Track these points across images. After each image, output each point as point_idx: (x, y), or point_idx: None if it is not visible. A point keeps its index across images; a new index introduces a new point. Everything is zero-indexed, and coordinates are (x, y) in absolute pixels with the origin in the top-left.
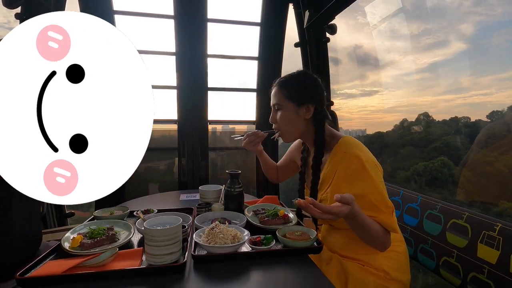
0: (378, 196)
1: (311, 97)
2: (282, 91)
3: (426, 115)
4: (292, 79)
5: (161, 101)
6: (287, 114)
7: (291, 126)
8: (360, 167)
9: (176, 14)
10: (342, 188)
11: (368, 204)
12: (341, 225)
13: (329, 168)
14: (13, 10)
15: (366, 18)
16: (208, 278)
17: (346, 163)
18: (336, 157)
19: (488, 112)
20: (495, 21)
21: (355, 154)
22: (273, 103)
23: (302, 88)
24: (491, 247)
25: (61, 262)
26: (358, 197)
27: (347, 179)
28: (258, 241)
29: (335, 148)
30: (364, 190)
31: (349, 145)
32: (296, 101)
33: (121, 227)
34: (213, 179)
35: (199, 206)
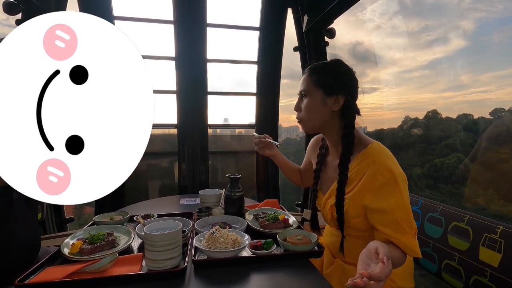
0: (404, 215)
1: (342, 88)
2: (311, 77)
3: (435, 112)
4: (324, 66)
5: (161, 105)
6: (312, 102)
7: (314, 115)
8: (391, 181)
9: (175, 19)
10: (365, 198)
11: (393, 222)
12: (348, 232)
13: (353, 173)
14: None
15: (366, 15)
16: (208, 283)
17: (375, 174)
18: (363, 164)
19: (490, 110)
20: (495, 18)
21: (387, 167)
22: (300, 90)
23: (333, 76)
24: (493, 250)
25: (61, 268)
26: (383, 212)
27: (373, 190)
28: (258, 246)
29: (363, 153)
30: (391, 205)
31: (380, 154)
32: (325, 89)
33: (121, 232)
34: (213, 183)
35: (199, 210)
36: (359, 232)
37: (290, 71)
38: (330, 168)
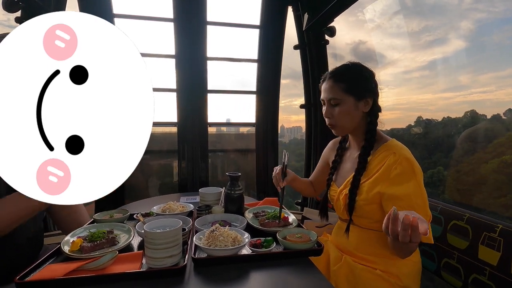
0: (421, 201)
1: (369, 90)
2: (339, 84)
3: (473, 112)
4: (349, 72)
5: (161, 103)
6: (347, 109)
7: (350, 120)
8: (409, 170)
9: (175, 17)
10: (380, 186)
11: (408, 208)
12: (362, 223)
13: (373, 164)
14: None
15: (366, 15)
16: (208, 281)
17: (394, 163)
18: (383, 155)
19: (491, 110)
20: (496, 18)
21: (406, 157)
22: (329, 98)
23: (361, 81)
24: (492, 248)
25: (61, 266)
26: (401, 198)
27: (390, 178)
28: (258, 244)
29: (383, 146)
30: (409, 191)
31: (400, 148)
32: (356, 95)
33: (121, 230)
34: (213, 181)
35: (199, 208)
36: (370, 223)
37: (290, 71)
38: (348, 162)
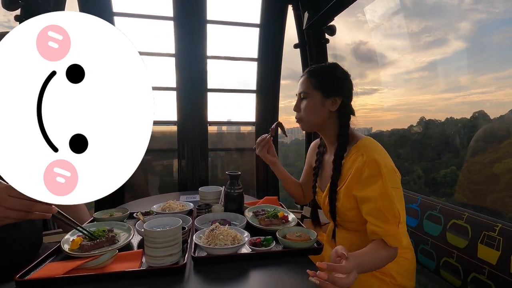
0: (387, 204)
1: (339, 90)
2: (310, 80)
3: (482, 113)
4: (322, 69)
5: (161, 102)
6: (312, 103)
7: (314, 116)
8: (376, 171)
9: (175, 16)
10: (353, 189)
11: (376, 210)
12: (350, 226)
13: (345, 168)
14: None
15: (366, 16)
16: (208, 279)
17: (362, 166)
18: (353, 157)
19: (490, 110)
20: (496, 19)
21: (373, 159)
22: (300, 91)
23: (331, 79)
24: (491, 247)
25: (61, 264)
26: (367, 201)
27: (360, 182)
28: (258, 243)
29: (354, 147)
30: (374, 194)
31: (369, 149)
32: (323, 92)
33: (120, 229)
34: (213, 180)
35: (199, 207)
36: (354, 225)
37: (291, 71)
38: (327, 166)
